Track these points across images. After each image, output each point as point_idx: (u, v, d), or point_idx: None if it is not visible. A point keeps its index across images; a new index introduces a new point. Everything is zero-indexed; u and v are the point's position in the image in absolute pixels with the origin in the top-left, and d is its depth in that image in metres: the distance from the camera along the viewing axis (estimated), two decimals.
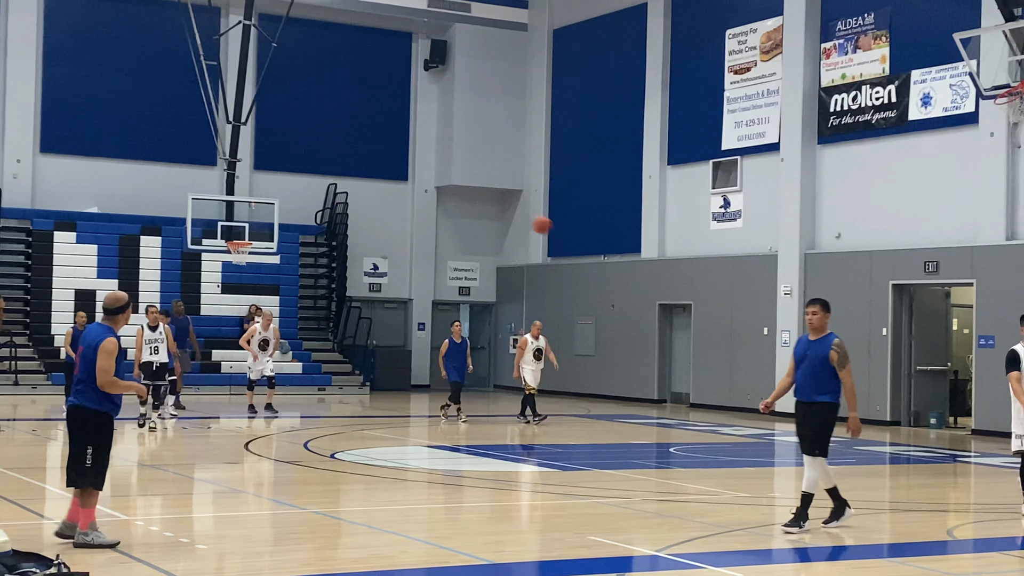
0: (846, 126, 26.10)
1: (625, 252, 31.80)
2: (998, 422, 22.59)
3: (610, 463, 18.26)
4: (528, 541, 11.48)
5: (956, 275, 23.77)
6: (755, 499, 14.47)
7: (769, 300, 27.19)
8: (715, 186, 29.24)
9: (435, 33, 34.66)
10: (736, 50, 28.72)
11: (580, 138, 33.49)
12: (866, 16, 25.73)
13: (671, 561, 10.03)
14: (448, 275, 35.53)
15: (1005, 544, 11.84)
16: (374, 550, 10.65)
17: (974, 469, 18.88)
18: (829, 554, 10.94)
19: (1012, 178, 22.89)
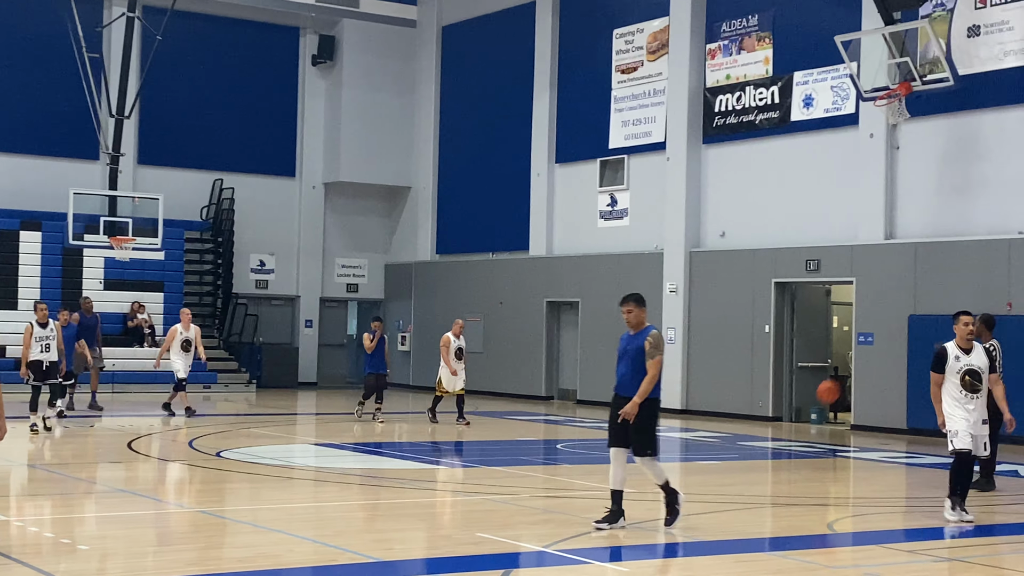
0: (730, 126, 26.45)
1: (513, 249, 31.91)
2: (877, 417, 23.19)
3: (498, 460, 18.32)
4: (416, 538, 11.46)
5: (837, 273, 24.23)
6: (640, 494, 14.55)
7: (655, 298, 27.33)
8: (602, 184, 29.45)
9: (323, 28, 34.43)
10: (623, 50, 28.95)
11: (469, 135, 33.51)
12: (750, 18, 26.10)
13: (558, 557, 10.10)
14: (336, 272, 35.34)
15: (884, 537, 12.08)
16: (260, 549, 10.54)
17: (853, 464, 19.23)
18: (711, 548, 11.02)
19: (891, 179, 23.38)
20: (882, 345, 23.12)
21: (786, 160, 25.34)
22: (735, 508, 13.73)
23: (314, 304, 34.96)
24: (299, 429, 24.10)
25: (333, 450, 18.91)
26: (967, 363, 12.31)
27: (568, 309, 30.04)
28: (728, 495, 14.67)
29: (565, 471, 17.31)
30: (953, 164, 22.53)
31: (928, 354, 22.32)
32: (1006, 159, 21.75)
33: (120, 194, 30.37)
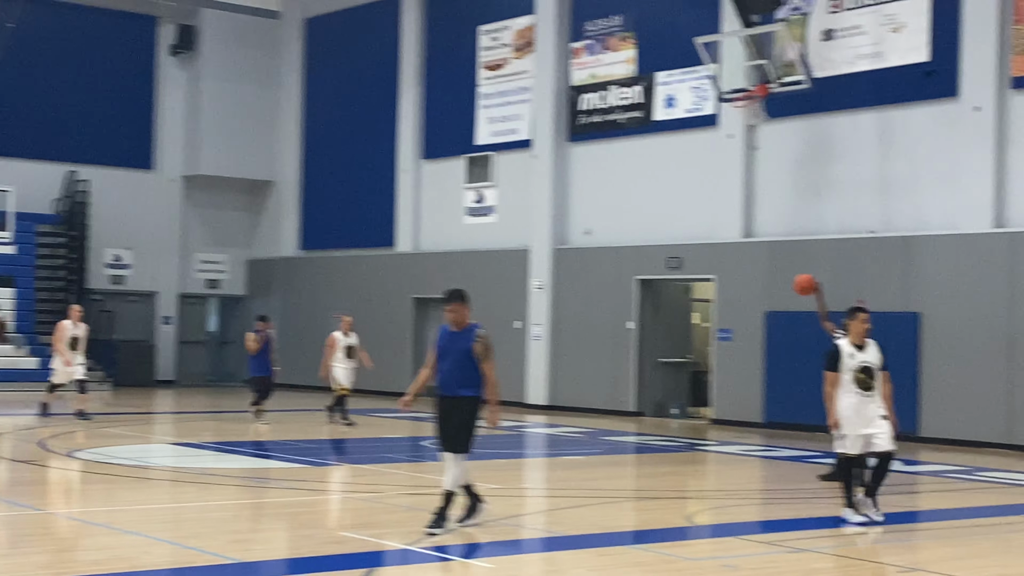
0: (595, 125, 26.70)
1: (380, 246, 31.76)
2: (735, 412, 23.61)
3: (362, 457, 18.28)
4: (277, 538, 11.40)
5: (697, 271, 24.60)
6: (504, 490, 14.68)
7: (521, 294, 27.60)
8: (469, 181, 29.51)
9: (182, 18, 33.75)
10: (489, 46, 29.03)
11: (334, 130, 33.26)
12: (614, 18, 26.35)
13: (422, 555, 10.13)
14: (196, 267, 34.78)
15: (741, 529, 12.30)
16: (116, 551, 10.31)
17: (712, 457, 19.56)
18: (574, 543, 11.12)
19: (748, 179, 23.82)
20: (740, 341, 23.58)
21: (649, 159, 25.66)
22: (597, 502, 13.89)
23: (172, 300, 34.34)
24: (157, 428, 23.67)
25: (192, 449, 18.61)
26: (861, 360, 12.02)
27: (435, 306, 30.01)
28: (591, 489, 14.84)
29: (430, 468, 17.28)
30: (808, 165, 23.02)
31: (783, 350, 22.99)
32: (858, 160, 22.31)
33: None
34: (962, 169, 20.84)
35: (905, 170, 21.69)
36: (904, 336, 20.25)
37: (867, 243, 21.82)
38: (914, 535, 12.29)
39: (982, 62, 20.60)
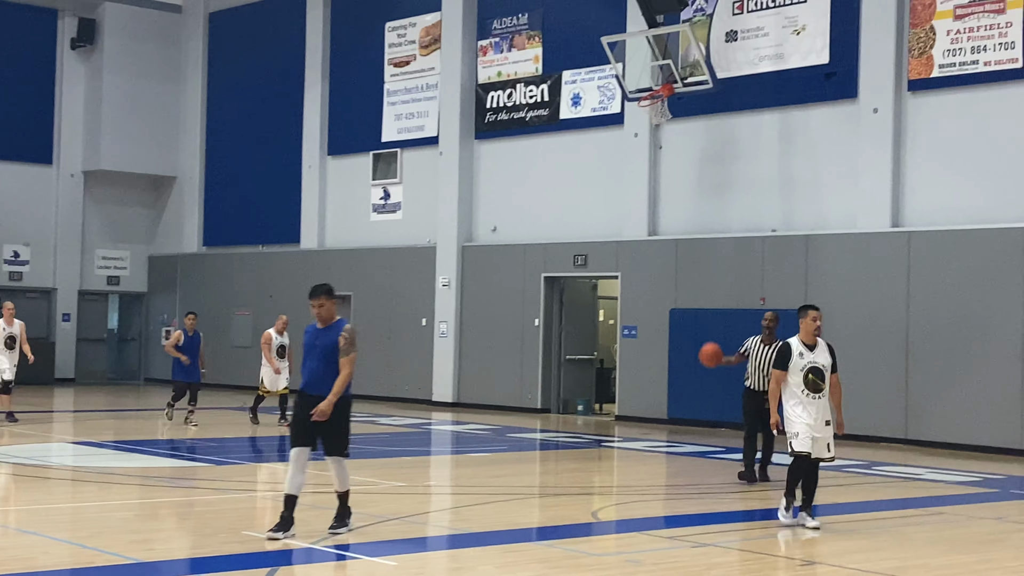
0: (502, 122, 26.76)
1: (284, 242, 31.58)
2: (639, 408, 23.80)
3: (267, 456, 18.17)
4: (180, 538, 11.28)
5: (603, 268, 24.76)
6: (411, 488, 14.70)
7: (428, 291, 27.58)
8: (375, 178, 29.43)
9: (83, 11, 33.33)
10: (396, 43, 28.96)
11: (239, 125, 32.99)
12: (520, 16, 26.43)
13: (326, 553, 10.11)
14: (96, 264, 34.34)
15: (645, 524, 12.39)
16: (13, 552, 10.10)
17: (617, 453, 19.66)
18: (480, 540, 11.14)
19: (654, 177, 24.01)
20: (645, 338, 23.77)
21: (555, 157, 25.77)
22: (503, 499, 13.92)
23: (72, 297, 33.85)
24: (56, 427, 23.27)
25: (92, 448, 18.34)
26: (811, 360, 11.70)
27: (340, 303, 29.83)
28: (496, 486, 14.88)
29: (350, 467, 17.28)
30: (711, 164, 23.27)
31: (687, 347, 23.15)
32: (760, 160, 22.59)
33: None
34: (861, 169, 21.19)
35: (806, 170, 22.00)
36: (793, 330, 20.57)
37: (769, 241, 22.10)
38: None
39: (880, 65, 20.96)
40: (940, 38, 20.39)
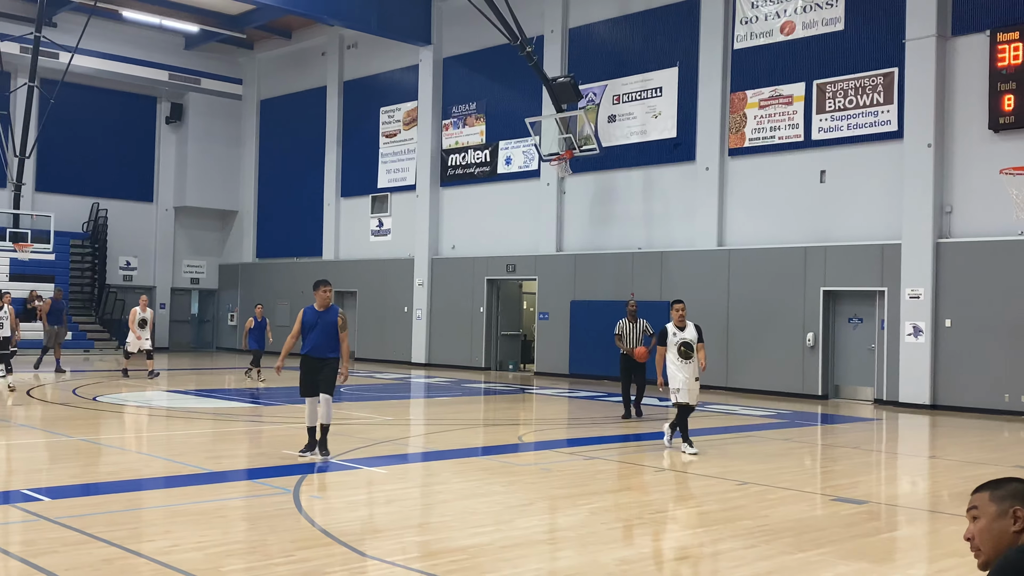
0: (459, 175, 26.74)
1: (311, 255, 31.37)
2: (550, 366, 23.86)
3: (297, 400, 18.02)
4: (239, 456, 11.22)
5: (526, 273, 24.84)
6: (397, 421, 14.67)
7: (408, 289, 27.52)
8: (373, 212, 29.29)
9: (174, 98, 33.00)
10: (387, 121, 28.85)
11: (280, 175, 32.73)
12: (471, 104, 26.43)
13: (339, 465, 10.08)
14: (183, 269, 33.92)
15: (554, 444, 12.46)
16: (126, 465, 10.09)
17: (536, 397, 19.70)
18: (442, 455, 11.12)
19: (560, 212, 24.13)
20: (554, 320, 23.87)
21: (495, 199, 25.80)
22: (459, 428, 13.94)
23: (166, 292, 33.44)
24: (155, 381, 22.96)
25: (181, 395, 18.18)
26: (682, 337, 11.59)
27: (349, 296, 29.80)
28: (454, 419, 14.89)
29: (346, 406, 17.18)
30: (598, 204, 23.42)
31: (582, 325, 23.18)
32: (631, 202, 22.76)
33: (22, 212, 28.55)
34: (697, 208, 21.40)
35: (661, 208, 22.19)
36: (661, 316, 20.66)
37: (637, 255, 22.26)
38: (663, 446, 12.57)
39: (710, 138, 21.18)
40: (750, 121, 20.63)
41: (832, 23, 19.43)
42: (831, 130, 19.34)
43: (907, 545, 7.39)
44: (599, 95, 23.17)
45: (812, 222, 19.61)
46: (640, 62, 22.49)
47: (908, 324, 17.88)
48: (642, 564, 6.37)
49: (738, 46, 20.84)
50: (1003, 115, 17.04)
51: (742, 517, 7.97)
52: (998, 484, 2.81)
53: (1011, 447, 13.16)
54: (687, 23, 21.66)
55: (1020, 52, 16.84)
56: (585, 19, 23.73)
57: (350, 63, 30.19)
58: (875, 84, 18.73)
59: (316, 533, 6.96)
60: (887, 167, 18.54)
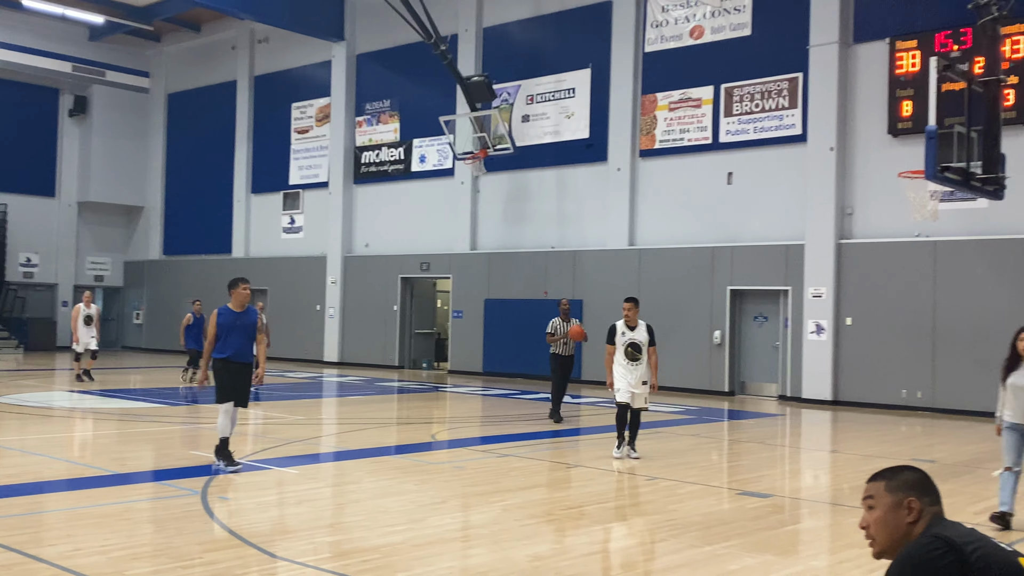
0: (372, 173, 26.52)
1: (220, 252, 30.71)
2: (464, 364, 23.86)
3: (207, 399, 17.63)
4: (144, 457, 10.91)
5: (440, 271, 24.77)
6: (309, 420, 14.48)
7: (321, 287, 27.17)
8: (284, 209, 28.84)
9: (78, 90, 31.90)
10: (299, 117, 28.44)
11: (188, 170, 31.95)
12: (384, 101, 26.24)
13: (249, 466, 9.90)
14: (86, 266, 32.84)
15: (467, 442, 12.46)
16: (26, 468, 9.70)
17: (449, 395, 19.68)
18: (354, 455, 11.01)
19: (474, 211, 24.12)
20: (468, 318, 23.86)
21: (408, 197, 25.65)
22: (372, 427, 13.83)
23: (69, 289, 32.30)
24: (57, 380, 22.19)
25: (84, 396, 17.59)
26: (631, 337, 10.95)
27: (260, 294, 29.23)
28: (367, 418, 14.77)
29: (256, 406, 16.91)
30: (513, 203, 23.49)
31: (496, 324, 23.24)
32: (544, 201, 22.89)
33: None
34: (609, 208, 21.64)
35: (574, 208, 22.37)
36: (575, 313, 20.91)
37: (550, 254, 22.40)
38: (579, 443, 12.67)
39: (622, 139, 21.44)
40: (660, 123, 20.95)
41: (739, 28, 19.87)
42: (738, 133, 19.77)
43: (810, 537, 7.61)
44: (513, 95, 23.24)
45: (720, 223, 20.01)
46: (553, 63, 22.64)
47: (811, 322, 18.41)
48: (554, 560, 6.42)
49: (649, 49, 21.15)
50: (901, 120, 17.68)
51: (652, 512, 8.09)
52: (893, 473, 2.86)
53: (908, 441, 13.66)
54: (599, 25, 21.88)
55: (918, 60, 17.49)
56: (499, 19, 23.78)
57: (261, 57, 29.67)
58: (780, 89, 19.23)
59: (225, 535, 6.82)
60: (791, 170, 19.05)
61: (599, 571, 6.21)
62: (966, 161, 13.05)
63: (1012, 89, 16.28)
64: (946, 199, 16.61)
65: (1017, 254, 16.34)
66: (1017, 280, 16.31)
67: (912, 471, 2.87)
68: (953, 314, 16.88)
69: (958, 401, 16.77)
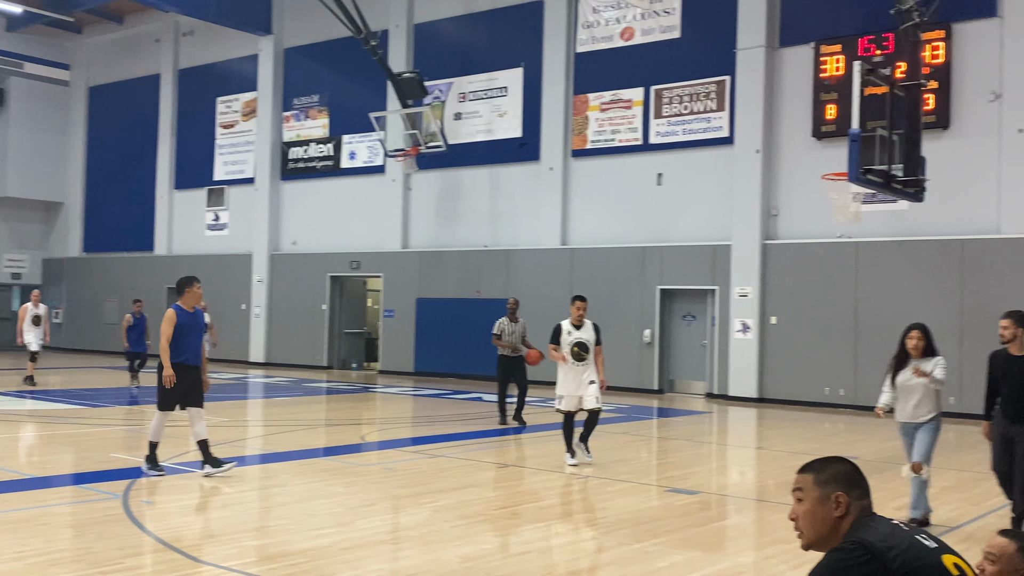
0: (300, 169, 26.20)
1: (143, 250, 30.02)
2: (395, 364, 23.74)
3: (127, 400, 17.22)
4: (63, 460, 10.63)
5: (371, 270, 24.59)
6: (234, 422, 14.24)
7: (246, 286, 26.75)
8: (209, 205, 28.31)
9: None
10: (224, 112, 27.94)
11: (109, 166, 31.12)
12: (313, 96, 25.95)
13: (174, 468, 9.71)
14: (3, 264, 31.79)
15: (398, 443, 12.40)
16: None
17: (379, 396, 19.54)
18: (281, 457, 10.89)
19: (406, 209, 23.99)
20: (399, 317, 23.74)
21: (338, 194, 25.41)
22: (299, 429, 13.67)
23: None
24: None
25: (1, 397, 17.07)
26: (577, 337, 10.48)
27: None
28: (295, 420, 14.59)
29: None
30: (445, 201, 23.44)
31: (427, 323, 23.16)
32: (477, 199, 22.89)
33: None
34: (541, 207, 21.72)
35: (506, 207, 22.41)
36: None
37: (483, 254, 22.40)
38: (511, 443, 12.66)
39: (554, 139, 21.54)
40: (592, 123, 21.11)
41: (669, 31, 20.12)
42: (668, 134, 20.02)
43: (736, 533, 7.74)
44: (445, 92, 23.19)
45: (650, 223, 20.24)
46: (486, 61, 22.64)
47: (737, 321, 18.74)
48: (484, 560, 6.42)
49: (580, 49, 21.29)
50: (825, 123, 18.10)
51: (582, 510, 8.15)
52: (823, 465, 2.87)
53: (831, 438, 13.99)
54: (531, 25, 21.95)
55: (842, 64, 17.92)
56: (431, 15, 23.70)
57: (186, 51, 29.08)
58: (708, 91, 19.52)
59: (147, 539, 6.68)
60: (719, 171, 19.36)
61: (530, 571, 6.23)
62: (888, 164, 13.41)
63: (932, 94, 16.79)
64: (868, 201, 17.06)
65: (936, 255, 16.86)
66: (935, 280, 16.83)
67: (842, 463, 2.87)
68: (874, 313, 17.34)
69: (879, 398, 17.20)
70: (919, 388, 7.82)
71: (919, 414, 7.88)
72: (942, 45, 16.98)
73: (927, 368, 7.75)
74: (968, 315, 16.43)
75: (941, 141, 16.78)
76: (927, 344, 7.85)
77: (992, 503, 8.78)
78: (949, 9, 16.18)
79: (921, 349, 7.83)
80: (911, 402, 7.88)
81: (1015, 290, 16.06)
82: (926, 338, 7.85)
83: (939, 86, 16.86)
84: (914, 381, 7.81)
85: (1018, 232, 16.23)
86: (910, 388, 7.86)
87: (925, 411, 7.86)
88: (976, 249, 16.48)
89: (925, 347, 7.84)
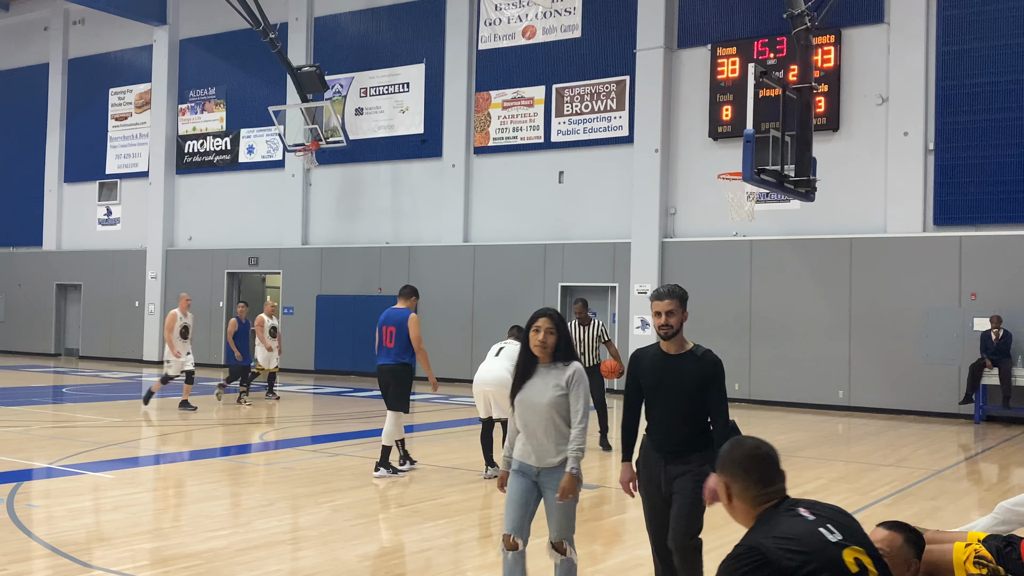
0: (197, 163, 25.59)
1: (30, 245, 28.85)
2: (296, 362, 23.36)
3: (13, 401, 16.56)
4: None
5: (270, 267, 24.19)
6: (126, 422, 13.83)
7: (140, 282, 26.00)
8: (100, 199, 27.40)
9: None
10: (117, 103, 27.08)
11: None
12: (210, 89, 25.37)
13: (62, 471, 9.39)
14: None
15: (296, 442, 12.29)
16: None
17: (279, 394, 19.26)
18: (175, 458, 10.66)
19: (306, 204, 23.68)
20: (299, 314, 23.42)
21: (236, 189, 24.91)
22: (195, 429, 13.37)
23: None
24: None
25: None
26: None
27: (74, 289, 27.70)
28: (190, 420, 14.25)
29: (69, 408, 16.02)
30: (346, 197, 23.22)
31: (328, 320, 22.89)
32: (378, 196, 22.75)
33: None
34: (444, 204, 21.72)
35: (408, 203, 22.33)
36: None
37: (384, 250, 22.27)
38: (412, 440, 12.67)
39: (457, 136, 21.56)
40: (494, 121, 21.18)
41: (570, 30, 20.33)
42: (569, 133, 20.24)
43: (635, 527, 7.88)
44: (346, 87, 22.95)
45: (551, 220, 20.43)
46: (387, 56, 22.50)
47: (637, 318, 19.08)
48: (384, 559, 6.40)
49: (483, 47, 21.34)
50: (721, 124, 18.56)
51: (483, 507, 8.18)
52: (731, 448, 2.91)
53: None
54: (433, 21, 21.90)
55: (737, 66, 18.40)
56: (331, 9, 23.42)
57: (76, 40, 28.05)
58: (609, 91, 19.80)
59: (33, 544, 6.44)
60: (619, 170, 19.67)
61: (428, 569, 6.23)
62: (780, 164, 13.84)
63: (823, 96, 17.39)
64: (762, 200, 17.58)
65: (826, 253, 17.47)
66: (825, 277, 17.44)
67: (738, 448, 2.86)
68: (767, 310, 17.87)
69: (771, 393, 17.78)
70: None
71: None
72: (832, 50, 17.60)
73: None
74: (856, 310, 17.09)
75: (831, 143, 17.39)
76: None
77: (878, 492, 9.15)
78: (839, 15, 16.80)
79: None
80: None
81: (900, 287, 16.80)
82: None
83: (829, 89, 17.47)
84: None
85: (902, 231, 16.95)
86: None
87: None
88: (864, 247, 17.15)
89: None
